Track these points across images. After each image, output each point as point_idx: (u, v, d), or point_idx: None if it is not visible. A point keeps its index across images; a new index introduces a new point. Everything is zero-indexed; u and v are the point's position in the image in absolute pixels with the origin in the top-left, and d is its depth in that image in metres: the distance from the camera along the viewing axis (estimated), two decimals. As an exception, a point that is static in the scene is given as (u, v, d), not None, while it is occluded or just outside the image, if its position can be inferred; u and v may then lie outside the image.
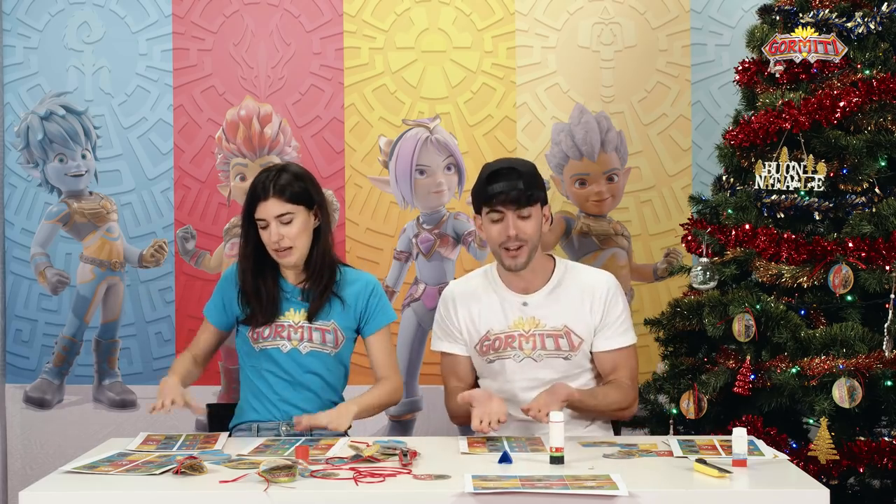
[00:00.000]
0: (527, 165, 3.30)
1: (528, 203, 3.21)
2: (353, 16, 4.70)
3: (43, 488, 2.57)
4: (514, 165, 3.25)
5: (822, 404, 3.38)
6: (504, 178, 3.20)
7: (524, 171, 3.23)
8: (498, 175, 3.22)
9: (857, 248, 3.52)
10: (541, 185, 3.28)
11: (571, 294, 3.27)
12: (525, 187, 3.19)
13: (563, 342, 3.21)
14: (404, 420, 4.68)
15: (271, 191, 3.24)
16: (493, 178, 3.22)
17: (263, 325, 3.29)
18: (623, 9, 4.68)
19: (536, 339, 3.21)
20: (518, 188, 3.19)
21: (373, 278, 3.42)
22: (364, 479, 2.56)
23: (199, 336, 3.43)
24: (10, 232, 4.72)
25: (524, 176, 3.21)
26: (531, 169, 3.28)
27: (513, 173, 3.20)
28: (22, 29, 4.72)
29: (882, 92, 3.63)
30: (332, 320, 3.32)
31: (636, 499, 2.45)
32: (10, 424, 4.71)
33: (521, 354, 3.22)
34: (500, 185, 3.20)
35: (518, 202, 3.19)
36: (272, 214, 3.24)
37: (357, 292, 3.36)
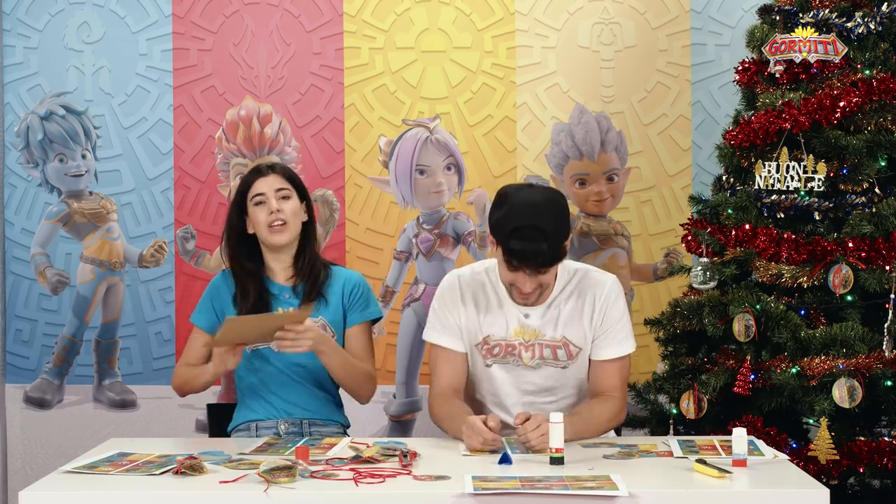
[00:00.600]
0: (554, 219, 2.95)
1: (550, 265, 2.98)
2: (353, 16, 4.70)
3: (43, 488, 2.56)
4: (540, 224, 2.91)
5: (822, 404, 3.38)
6: (528, 238, 2.91)
7: (551, 230, 2.92)
8: (521, 234, 2.91)
9: (857, 248, 3.51)
10: (566, 233, 3.00)
11: (572, 304, 3.16)
12: (549, 249, 2.92)
13: (562, 353, 3.16)
14: (404, 420, 4.68)
15: (270, 170, 3.34)
16: (517, 234, 2.91)
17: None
18: (623, 9, 4.68)
19: (535, 349, 3.17)
20: (542, 252, 2.92)
21: (359, 276, 3.44)
22: (364, 480, 2.56)
23: (192, 345, 3.37)
24: (10, 232, 4.72)
25: (549, 238, 2.91)
26: (558, 222, 2.96)
27: (538, 235, 2.90)
28: (22, 29, 4.72)
29: (882, 92, 3.63)
30: (321, 316, 3.32)
31: (636, 499, 2.45)
32: (10, 424, 4.71)
33: (520, 362, 3.18)
34: (521, 244, 2.91)
35: (540, 266, 2.96)
36: (273, 187, 3.30)
37: (341, 286, 3.36)
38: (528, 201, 2.96)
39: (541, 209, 2.95)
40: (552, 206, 2.98)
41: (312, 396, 3.33)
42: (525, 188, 3.04)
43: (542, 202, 2.96)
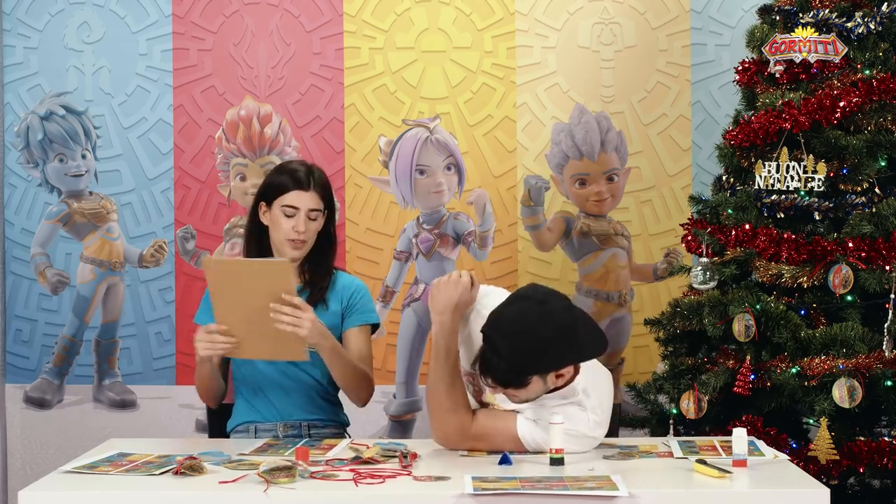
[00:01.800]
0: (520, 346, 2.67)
1: (503, 385, 2.74)
2: (353, 16, 4.70)
3: (43, 488, 2.57)
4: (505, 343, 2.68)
5: (822, 404, 3.38)
6: (490, 349, 2.71)
7: (507, 352, 2.67)
8: (488, 341, 2.73)
9: (857, 248, 3.52)
10: (532, 368, 2.71)
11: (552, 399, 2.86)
12: (505, 370, 2.70)
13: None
14: (404, 420, 4.68)
15: (313, 184, 3.27)
16: (485, 339, 2.73)
17: None
18: (623, 9, 4.68)
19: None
20: (499, 369, 2.70)
21: (360, 282, 3.41)
22: (364, 481, 2.56)
23: None
24: (10, 232, 4.72)
25: (506, 360, 2.67)
26: (524, 356, 2.68)
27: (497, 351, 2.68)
28: (22, 29, 4.72)
29: (882, 92, 3.63)
30: (321, 320, 3.31)
31: (636, 499, 2.45)
32: (10, 424, 4.71)
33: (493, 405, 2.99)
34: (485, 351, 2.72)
35: (491, 380, 2.75)
36: (307, 206, 3.25)
37: (341, 291, 3.35)
38: (514, 315, 2.72)
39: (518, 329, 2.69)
40: (533, 332, 2.68)
41: (312, 399, 3.33)
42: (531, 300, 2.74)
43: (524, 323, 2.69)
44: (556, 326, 2.70)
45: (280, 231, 3.26)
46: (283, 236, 3.25)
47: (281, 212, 3.25)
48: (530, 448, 2.85)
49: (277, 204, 3.26)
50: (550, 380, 2.75)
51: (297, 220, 3.24)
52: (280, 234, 3.26)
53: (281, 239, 3.26)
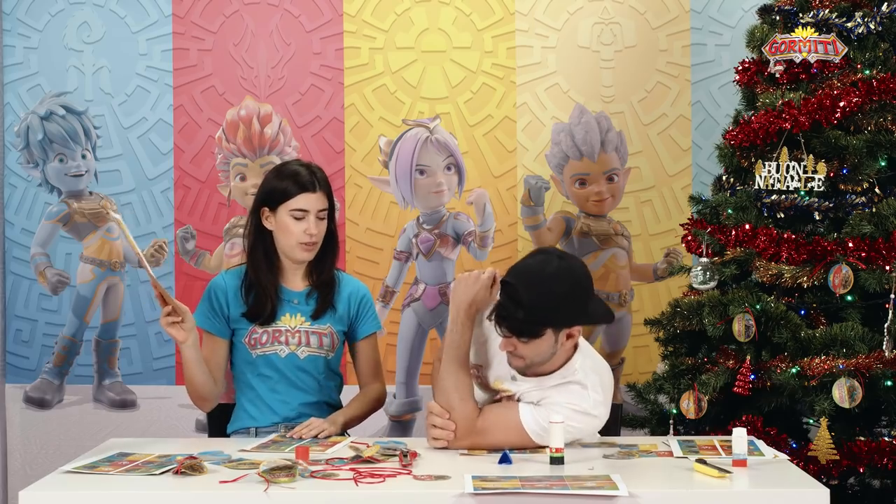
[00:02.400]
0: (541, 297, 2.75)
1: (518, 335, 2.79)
2: (353, 16, 4.70)
3: (43, 488, 2.56)
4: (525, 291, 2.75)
5: (822, 404, 3.38)
6: (509, 297, 2.78)
7: (532, 303, 2.74)
8: (507, 290, 2.79)
9: (857, 248, 3.52)
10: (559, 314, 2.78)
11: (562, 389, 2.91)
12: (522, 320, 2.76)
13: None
14: (404, 420, 4.68)
15: (318, 185, 3.25)
16: (503, 288, 2.80)
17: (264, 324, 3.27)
18: (623, 9, 4.68)
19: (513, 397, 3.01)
20: (515, 318, 2.77)
21: (365, 287, 3.43)
22: (364, 480, 2.56)
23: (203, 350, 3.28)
24: (10, 232, 4.72)
25: (526, 309, 2.74)
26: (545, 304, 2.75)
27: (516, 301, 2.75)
28: (22, 29, 4.72)
29: (882, 92, 3.63)
30: (328, 324, 3.31)
31: (636, 499, 2.45)
32: (10, 424, 4.71)
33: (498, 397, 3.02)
34: (502, 299, 2.79)
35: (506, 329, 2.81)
36: (316, 207, 3.24)
37: (348, 297, 3.35)
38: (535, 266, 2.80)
39: (538, 279, 2.77)
40: (554, 282, 2.76)
41: (314, 402, 3.33)
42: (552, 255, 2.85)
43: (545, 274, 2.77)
44: (574, 282, 2.80)
45: (290, 235, 3.24)
46: (295, 240, 3.23)
47: (290, 216, 3.23)
48: (533, 436, 2.85)
49: (284, 209, 3.24)
50: (560, 338, 2.82)
51: (309, 223, 3.23)
52: (291, 238, 3.24)
53: (292, 244, 3.24)
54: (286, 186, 3.25)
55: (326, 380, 3.34)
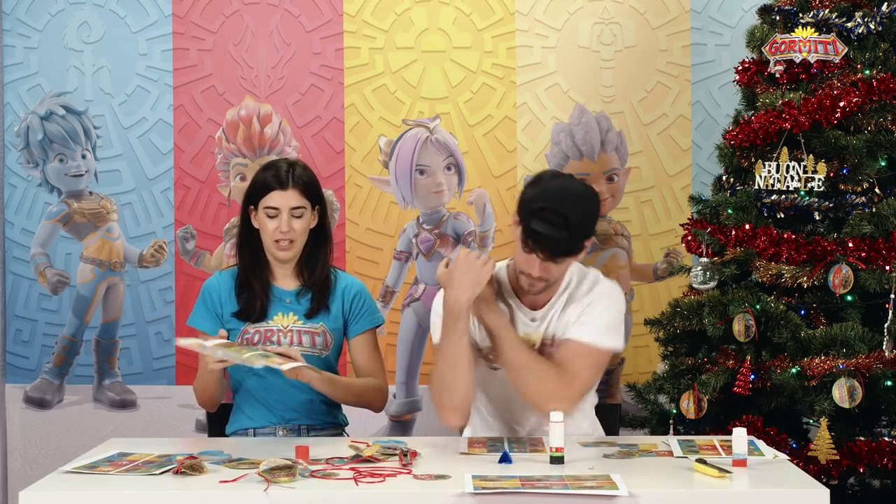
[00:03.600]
0: (581, 211, 2.91)
1: (565, 255, 2.93)
2: (353, 16, 4.70)
3: (43, 488, 2.56)
4: (566, 212, 2.85)
5: (822, 404, 3.39)
6: (550, 223, 2.85)
7: (574, 220, 2.86)
8: (545, 216, 2.86)
9: (857, 248, 3.52)
10: (589, 231, 2.95)
11: (575, 306, 3.07)
12: (567, 239, 2.87)
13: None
14: (404, 420, 4.68)
15: (291, 182, 3.22)
16: (540, 216, 2.86)
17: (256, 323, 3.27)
18: (623, 9, 4.68)
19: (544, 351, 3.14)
20: (560, 238, 2.86)
21: (360, 283, 3.40)
22: (364, 480, 2.56)
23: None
24: (10, 232, 4.72)
25: (571, 228, 2.86)
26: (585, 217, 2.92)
27: (561, 221, 2.85)
28: (22, 29, 4.72)
29: (882, 92, 3.64)
30: (321, 322, 3.30)
31: (636, 499, 2.45)
32: (10, 424, 4.71)
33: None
34: (542, 226, 2.85)
35: (554, 254, 2.90)
36: (288, 205, 3.22)
37: (342, 294, 3.34)
38: (563, 188, 2.95)
39: (571, 198, 2.92)
40: (584, 200, 2.96)
41: (311, 402, 3.32)
42: (565, 176, 3.05)
43: (575, 193, 2.95)
44: (594, 196, 3.03)
45: (265, 234, 3.24)
46: (270, 238, 3.24)
47: (265, 214, 3.24)
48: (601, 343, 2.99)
49: (261, 206, 3.24)
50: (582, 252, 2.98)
51: (280, 220, 3.22)
52: (266, 236, 3.25)
53: (268, 242, 3.25)
54: (262, 183, 3.25)
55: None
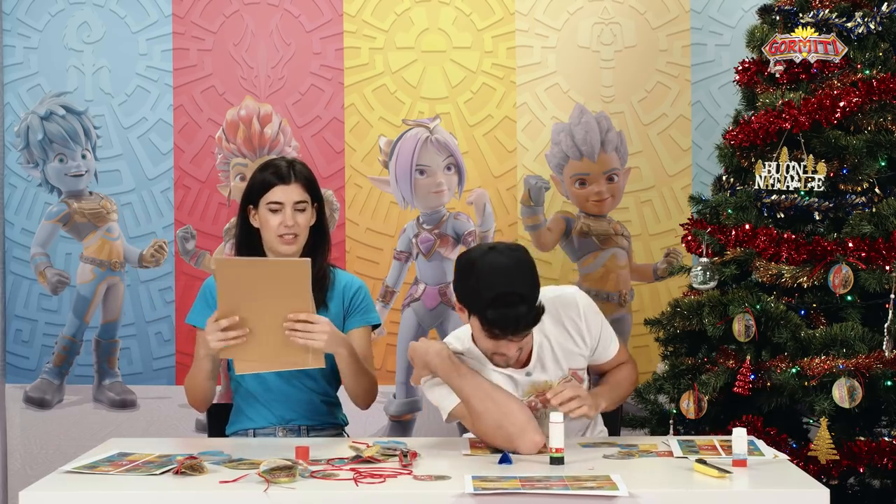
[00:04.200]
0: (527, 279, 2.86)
1: (532, 325, 2.88)
2: (353, 16, 4.70)
3: (43, 488, 2.57)
4: (515, 289, 2.81)
5: (822, 404, 3.38)
6: (506, 305, 2.80)
7: (526, 293, 2.83)
8: (497, 302, 2.80)
9: (857, 248, 3.52)
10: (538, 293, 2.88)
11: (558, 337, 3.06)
12: (527, 311, 2.83)
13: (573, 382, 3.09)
14: (404, 420, 4.68)
15: (293, 176, 3.25)
16: (493, 304, 2.81)
17: None
18: (623, 9, 4.68)
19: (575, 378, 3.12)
20: (522, 316, 2.83)
21: (360, 281, 3.40)
22: (364, 480, 2.56)
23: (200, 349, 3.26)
24: (10, 232, 4.72)
25: (526, 300, 2.82)
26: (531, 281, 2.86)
27: (515, 300, 2.80)
28: (22, 29, 4.72)
29: (882, 92, 3.63)
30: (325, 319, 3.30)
31: (636, 499, 2.45)
32: (10, 424, 4.71)
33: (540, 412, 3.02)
34: (499, 312, 2.80)
35: (523, 331, 2.87)
36: (291, 200, 3.23)
37: (342, 291, 3.34)
38: (496, 266, 2.84)
39: (511, 273, 2.84)
40: (521, 266, 2.87)
41: (311, 402, 3.32)
42: (488, 252, 2.89)
43: (510, 265, 2.85)
44: (518, 248, 2.97)
45: (269, 229, 3.24)
46: (273, 233, 3.24)
47: (267, 209, 3.24)
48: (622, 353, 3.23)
49: (263, 203, 3.25)
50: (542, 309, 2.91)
51: (285, 215, 3.23)
52: (270, 232, 3.24)
53: (270, 237, 3.25)
54: (263, 179, 3.26)
55: (324, 378, 3.33)
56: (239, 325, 2.95)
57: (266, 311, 2.94)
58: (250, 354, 3.00)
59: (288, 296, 2.94)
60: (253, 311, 2.95)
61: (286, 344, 2.97)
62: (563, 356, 3.08)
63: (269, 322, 2.95)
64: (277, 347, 2.98)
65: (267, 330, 2.96)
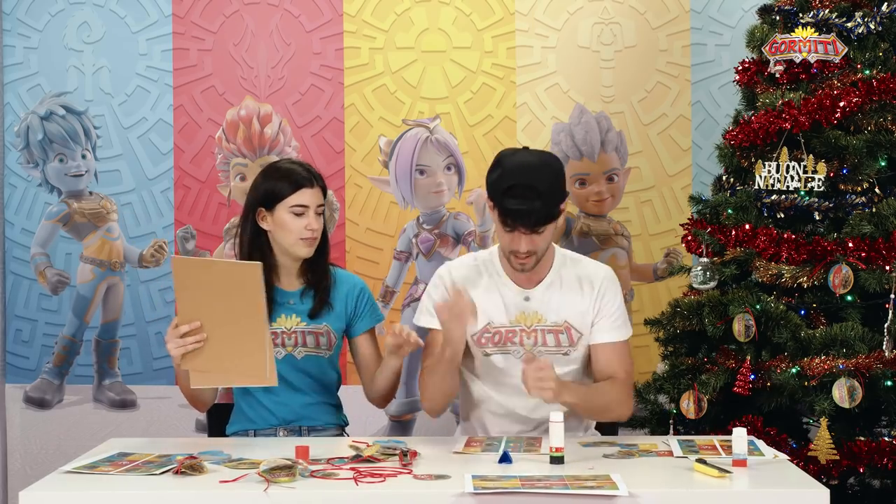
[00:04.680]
0: (548, 179, 3.02)
1: (545, 223, 3.02)
2: (353, 16, 4.70)
3: (43, 488, 2.56)
4: (535, 183, 2.98)
5: (822, 404, 3.39)
6: (522, 197, 2.97)
7: (545, 189, 2.99)
8: (515, 192, 2.98)
9: (857, 248, 3.52)
10: (561, 195, 3.06)
11: (571, 286, 3.20)
12: (542, 207, 2.98)
13: (564, 338, 3.16)
14: (404, 420, 4.68)
15: (314, 181, 3.27)
16: (511, 193, 2.98)
17: None
18: (623, 9, 4.68)
19: (538, 335, 3.17)
20: (536, 210, 2.98)
21: (362, 282, 3.42)
22: (364, 479, 2.56)
23: None
24: (10, 232, 4.72)
25: (543, 196, 2.98)
26: (553, 184, 3.03)
27: (532, 193, 2.96)
28: (22, 29, 4.72)
29: (882, 92, 3.64)
30: (325, 323, 3.30)
31: (636, 499, 2.45)
32: (10, 424, 4.71)
33: (522, 350, 3.16)
34: (515, 203, 2.97)
35: (534, 225, 3.01)
36: (315, 202, 3.25)
37: (346, 293, 3.34)
38: (522, 162, 3.06)
39: (534, 169, 3.04)
40: (546, 166, 3.08)
41: (313, 403, 3.32)
42: (520, 151, 3.13)
43: (535, 163, 3.07)
44: (557, 160, 3.16)
45: (290, 232, 3.23)
46: (296, 236, 3.23)
47: (290, 212, 3.23)
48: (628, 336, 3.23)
49: (284, 206, 3.23)
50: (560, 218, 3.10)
51: (309, 218, 3.23)
52: (291, 235, 3.23)
53: (292, 240, 3.24)
54: (285, 184, 3.25)
55: (325, 379, 3.34)
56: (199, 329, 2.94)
57: (221, 314, 2.92)
58: (206, 364, 2.96)
59: (242, 300, 2.90)
60: (209, 316, 2.93)
61: (238, 356, 2.94)
62: (566, 303, 3.17)
63: (224, 327, 2.92)
64: (232, 356, 2.94)
65: (222, 336, 2.93)
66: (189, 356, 2.95)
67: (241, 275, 2.92)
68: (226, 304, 2.91)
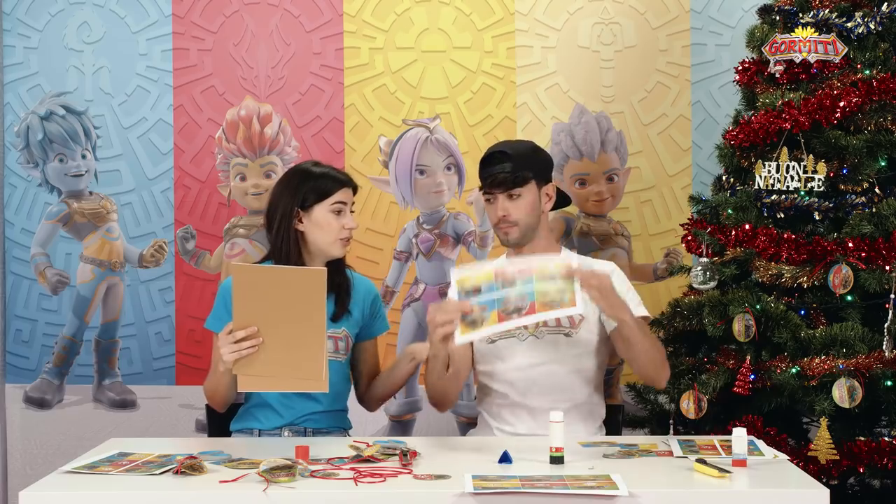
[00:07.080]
0: (520, 147, 3.38)
1: (516, 185, 3.28)
2: (353, 16, 4.70)
3: (43, 488, 2.57)
4: (505, 148, 3.33)
5: (822, 404, 3.39)
6: (495, 161, 3.31)
7: (514, 153, 3.31)
8: (490, 158, 3.33)
9: (857, 248, 3.52)
10: (536, 164, 3.34)
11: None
12: (513, 169, 3.27)
13: (564, 319, 3.24)
14: (404, 420, 4.68)
15: (350, 182, 3.33)
16: (486, 161, 3.34)
17: None
18: (623, 9, 4.68)
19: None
20: (505, 171, 3.28)
21: (374, 286, 3.46)
22: (364, 479, 2.56)
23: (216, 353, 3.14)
24: (10, 232, 4.72)
25: (513, 158, 3.29)
26: (524, 150, 3.36)
27: (503, 156, 3.30)
28: (22, 29, 4.72)
29: (882, 92, 3.64)
30: (343, 327, 3.30)
31: (636, 499, 2.45)
32: (10, 424, 4.71)
33: (525, 333, 3.27)
34: (490, 168, 3.31)
35: (505, 184, 3.28)
36: (351, 201, 3.31)
37: (363, 297, 3.36)
38: (502, 142, 3.50)
39: (510, 142, 3.52)
40: (523, 142, 3.52)
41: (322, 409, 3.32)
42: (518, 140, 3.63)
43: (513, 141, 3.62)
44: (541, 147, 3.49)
45: (329, 232, 3.24)
46: (335, 236, 3.23)
47: (331, 211, 3.24)
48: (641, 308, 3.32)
49: (324, 206, 3.24)
50: (543, 198, 3.35)
51: (347, 217, 3.27)
52: (330, 234, 3.23)
53: (330, 240, 3.23)
54: (325, 183, 3.27)
55: (340, 385, 3.33)
56: (255, 335, 2.89)
57: (279, 322, 2.87)
58: (256, 369, 2.92)
59: (302, 307, 2.85)
60: (266, 322, 2.89)
61: (294, 362, 2.89)
62: None
63: (281, 335, 2.88)
64: (284, 364, 2.90)
65: (277, 343, 2.89)
66: (242, 361, 2.90)
67: (304, 281, 2.86)
68: (285, 309, 2.85)
